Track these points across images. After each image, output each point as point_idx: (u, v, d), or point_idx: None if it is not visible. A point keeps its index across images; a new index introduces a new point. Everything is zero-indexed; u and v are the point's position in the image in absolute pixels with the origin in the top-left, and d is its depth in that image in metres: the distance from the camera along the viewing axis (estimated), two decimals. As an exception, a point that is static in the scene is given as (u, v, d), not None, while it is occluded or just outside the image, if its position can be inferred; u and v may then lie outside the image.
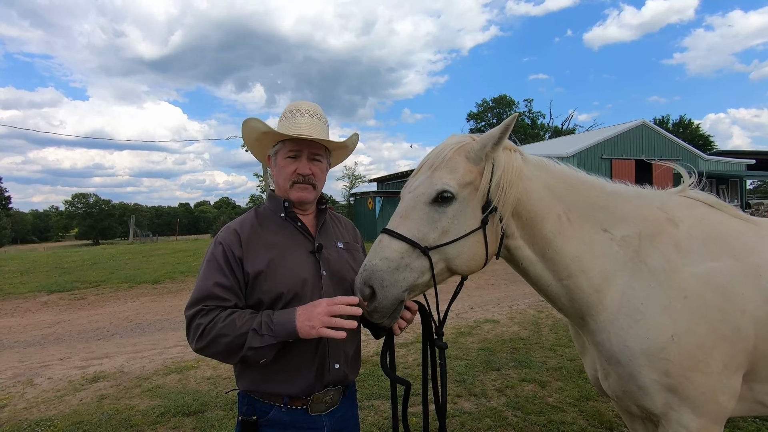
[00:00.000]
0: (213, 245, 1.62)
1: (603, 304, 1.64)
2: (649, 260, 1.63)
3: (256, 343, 1.42)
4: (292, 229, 1.68)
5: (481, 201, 1.56)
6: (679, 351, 1.53)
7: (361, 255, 1.85)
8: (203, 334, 1.45)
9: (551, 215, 1.65)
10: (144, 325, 7.97)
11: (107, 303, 9.85)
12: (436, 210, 1.53)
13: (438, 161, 1.58)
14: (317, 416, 1.59)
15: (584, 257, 1.65)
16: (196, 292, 1.54)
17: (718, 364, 1.55)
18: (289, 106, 1.73)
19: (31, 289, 10.89)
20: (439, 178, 1.54)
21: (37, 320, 8.58)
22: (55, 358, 6.04)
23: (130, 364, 5.51)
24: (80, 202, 61.37)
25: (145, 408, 4.16)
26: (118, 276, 12.30)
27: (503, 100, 58.51)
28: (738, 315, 1.58)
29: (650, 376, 1.57)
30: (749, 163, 29.19)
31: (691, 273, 1.60)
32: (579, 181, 1.75)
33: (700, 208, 1.80)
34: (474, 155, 1.58)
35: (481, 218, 1.56)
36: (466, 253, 1.55)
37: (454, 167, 1.57)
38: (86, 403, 4.36)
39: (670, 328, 1.55)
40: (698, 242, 1.67)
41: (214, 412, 4.00)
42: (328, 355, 1.59)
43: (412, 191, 1.58)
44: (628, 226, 1.68)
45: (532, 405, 3.96)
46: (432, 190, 1.53)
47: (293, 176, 1.65)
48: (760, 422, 3.49)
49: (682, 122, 54.55)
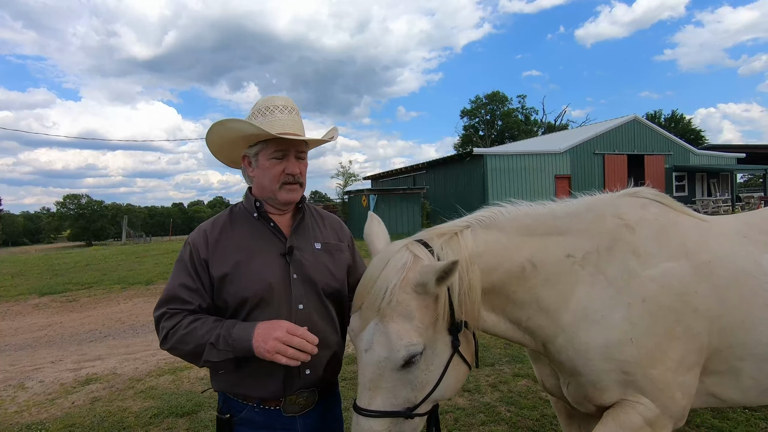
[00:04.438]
0: (183, 246, 1.61)
1: (561, 327, 1.60)
2: (607, 271, 1.62)
3: (212, 357, 1.43)
4: (264, 230, 1.62)
5: (446, 326, 1.41)
6: (637, 351, 1.55)
7: (346, 255, 1.76)
8: (167, 337, 1.48)
9: (514, 273, 1.56)
10: (137, 326, 7.92)
11: (100, 305, 9.77)
12: (408, 371, 1.36)
13: (384, 304, 1.34)
14: (291, 417, 1.56)
15: (544, 295, 1.59)
16: (164, 294, 1.55)
17: (673, 363, 1.58)
18: (262, 102, 1.63)
19: (23, 292, 10.78)
20: (397, 335, 1.32)
21: (28, 323, 8.50)
22: (47, 361, 5.99)
23: (123, 366, 5.47)
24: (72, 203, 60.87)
25: (139, 409, 4.13)
26: (110, 277, 12.21)
27: (496, 97, 58.58)
28: (691, 314, 1.60)
29: (610, 377, 1.58)
30: (739, 156, 29.48)
31: (649, 277, 1.61)
32: (530, 217, 1.66)
33: (653, 208, 1.79)
34: (422, 289, 1.36)
35: (451, 343, 1.42)
36: (450, 384, 1.44)
37: (407, 313, 1.35)
38: (78, 405, 4.33)
39: (629, 332, 1.56)
40: (654, 244, 1.67)
41: (207, 413, 3.98)
42: None
43: (368, 351, 1.36)
44: (586, 243, 1.64)
45: (526, 400, 3.98)
46: (397, 357, 1.32)
47: (282, 177, 1.58)
48: (749, 412, 3.53)
49: (674, 117, 54.97)
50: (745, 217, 2.04)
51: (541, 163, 24.01)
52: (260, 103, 1.64)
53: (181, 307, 1.50)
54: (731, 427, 3.34)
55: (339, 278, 1.70)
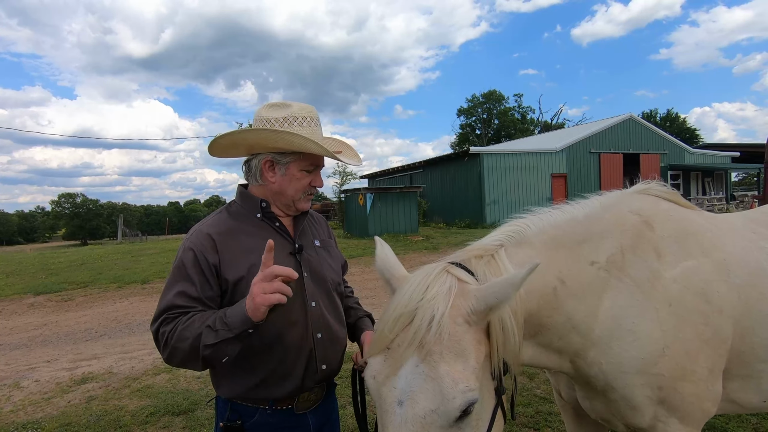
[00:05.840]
0: (182, 250, 1.50)
1: (592, 341, 1.49)
2: (632, 272, 1.52)
3: (210, 339, 1.30)
4: (270, 231, 1.60)
5: (490, 368, 1.17)
6: (670, 363, 1.47)
7: (337, 251, 1.82)
8: (167, 343, 1.37)
9: (547, 296, 1.41)
10: (133, 325, 7.90)
11: (95, 304, 9.74)
12: (458, 427, 1.07)
13: (430, 338, 1.07)
14: (302, 414, 1.58)
15: (576, 311, 1.46)
16: (159, 305, 1.45)
17: (704, 371, 1.51)
18: (295, 110, 1.56)
19: (17, 291, 10.73)
20: (452, 379, 1.04)
21: (23, 322, 8.46)
22: (42, 360, 5.97)
23: (119, 365, 5.46)
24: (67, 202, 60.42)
25: (135, 408, 4.13)
26: (106, 276, 12.16)
27: (493, 95, 58.67)
28: (717, 316, 1.53)
29: (644, 393, 1.49)
30: (734, 155, 29.72)
31: (671, 278, 1.53)
32: (555, 227, 1.53)
33: (663, 204, 1.73)
34: (477, 318, 1.13)
35: (495, 389, 1.19)
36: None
37: (461, 349, 1.08)
38: (74, 404, 4.32)
39: (660, 340, 1.47)
40: (672, 242, 1.60)
41: (204, 411, 3.98)
42: (315, 358, 1.57)
43: (405, 404, 1.05)
44: (609, 245, 1.53)
45: (520, 397, 4.00)
46: (451, 408, 1.03)
47: (308, 189, 1.61)
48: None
49: (669, 116, 55.30)
50: (748, 214, 2.00)
51: (538, 161, 24.09)
52: (293, 109, 1.56)
53: (181, 312, 1.43)
54: (723, 422, 3.37)
55: (338, 272, 1.77)
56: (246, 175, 1.66)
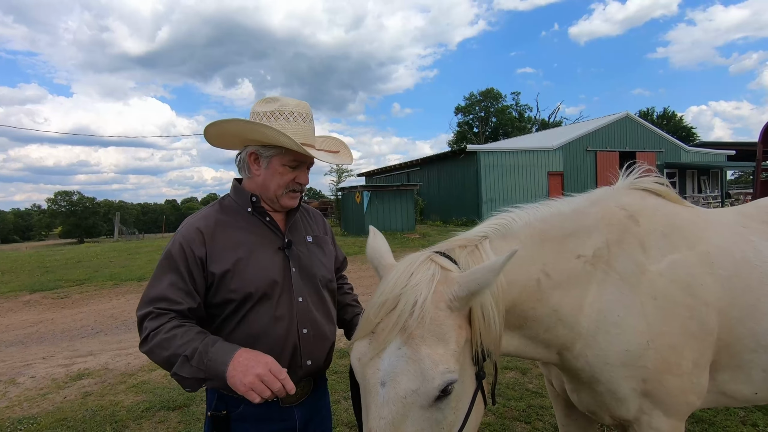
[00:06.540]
0: (171, 242, 1.52)
1: (578, 333, 1.52)
2: (618, 266, 1.55)
3: (183, 372, 1.31)
4: (260, 225, 1.61)
5: (471, 354, 1.21)
6: (655, 356, 1.50)
7: (331, 248, 1.81)
8: (147, 339, 1.39)
9: (530, 288, 1.45)
10: (129, 322, 7.90)
11: (91, 301, 9.73)
12: (438, 408, 1.12)
13: (413, 322, 1.11)
14: (288, 407, 1.58)
15: (561, 304, 1.49)
16: (148, 292, 1.46)
17: (689, 364, 1.53)
18: (283, 105, 1.57)
19: (13, 289, 10.71)
20: (432, 361, 1.09)
21: (19, 320, 8.46)
22: (38, 357, 5.98)
23: (115, 361, 5.48)
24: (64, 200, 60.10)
25: (130, 404, 4.16)
26: (102, 274, 12.15)
27: (491, 93, 58.72)
28: (702, 308, 1.56)
29: (629, 385, 1.52)
30: (730, 154, 29.84)
31: (657, 271, 1.56)
32: (542, 221, 1.56)
33: (651, 199, 1.76)
34: (459, 303, 1.17)
35: (476, 375, 1.23)
36: (473, 423, 1.22)
37: (442, 333, 1.13)
38: (70, 400, 4.34)
39: (646, 333, 1.50)
40: (658, 236, 1.63)
41: (199, 406, 4.01)
42: (300, 353, 1.57)
43: (388, 384, 1.10)
44: (595, 239, 1.57)
45: (513, 391, 4.05)
46: (431, 388, 1.08)
47: (291, 185, 1.60)
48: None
49: (666, 114, 55.45)
50: (741, 209, 2.03)
51: (535, 159, 24.14)
52: (281, 104, 1.57)
53: (169, 307, 1.42)
54: (711, 415, 3.42)
55: (330, 269, 1.76)
56: (238, 168, 1.68)
